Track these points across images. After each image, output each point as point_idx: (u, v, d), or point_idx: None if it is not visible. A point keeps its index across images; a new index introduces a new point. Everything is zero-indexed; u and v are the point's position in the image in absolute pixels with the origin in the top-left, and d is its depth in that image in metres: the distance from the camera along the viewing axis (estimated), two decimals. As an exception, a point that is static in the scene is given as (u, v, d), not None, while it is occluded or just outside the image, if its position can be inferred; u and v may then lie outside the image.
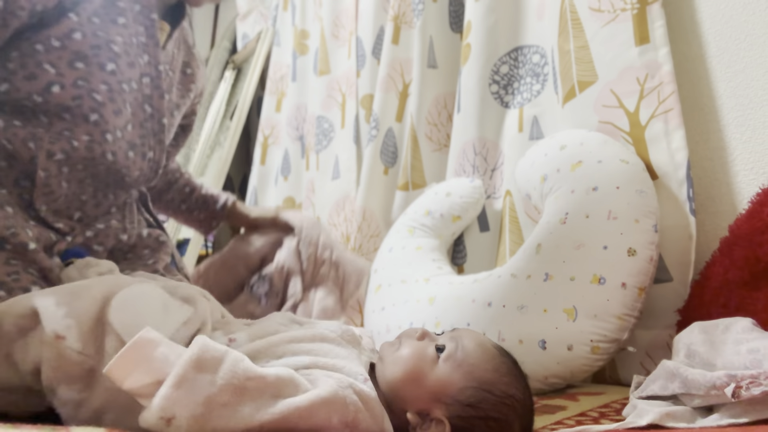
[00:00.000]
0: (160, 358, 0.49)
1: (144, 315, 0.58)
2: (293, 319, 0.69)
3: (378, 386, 0.62)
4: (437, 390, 0.62)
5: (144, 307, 0.59)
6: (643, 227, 1.02)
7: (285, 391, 0.52)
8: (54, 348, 0.55)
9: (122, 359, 0.48)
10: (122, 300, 0.59)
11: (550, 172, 1.17)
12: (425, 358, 0.64)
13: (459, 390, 0.62)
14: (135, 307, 0.59)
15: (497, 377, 0.64)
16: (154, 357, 0.49)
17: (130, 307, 0.58)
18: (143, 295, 0.60)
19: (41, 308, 0.56)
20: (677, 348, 0.84)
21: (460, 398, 0.61)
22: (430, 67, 1.66)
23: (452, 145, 1.54)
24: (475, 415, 0.61)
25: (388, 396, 0.62)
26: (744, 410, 0.65)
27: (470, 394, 0.61)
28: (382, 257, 1.45)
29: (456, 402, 0.61)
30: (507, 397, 0.62)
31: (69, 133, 0.86)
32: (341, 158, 1.91)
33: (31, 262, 0.79)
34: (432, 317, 1.20)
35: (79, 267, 0.84)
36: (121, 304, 0.58)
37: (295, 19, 2.25)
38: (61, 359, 0.55)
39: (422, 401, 0.62)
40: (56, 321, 0.56)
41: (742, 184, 1.07)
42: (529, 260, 1.10)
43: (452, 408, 0.61)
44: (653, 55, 1.12)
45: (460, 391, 0.62)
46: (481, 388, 0.62)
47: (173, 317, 0.61)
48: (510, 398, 0.62)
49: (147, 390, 0.49)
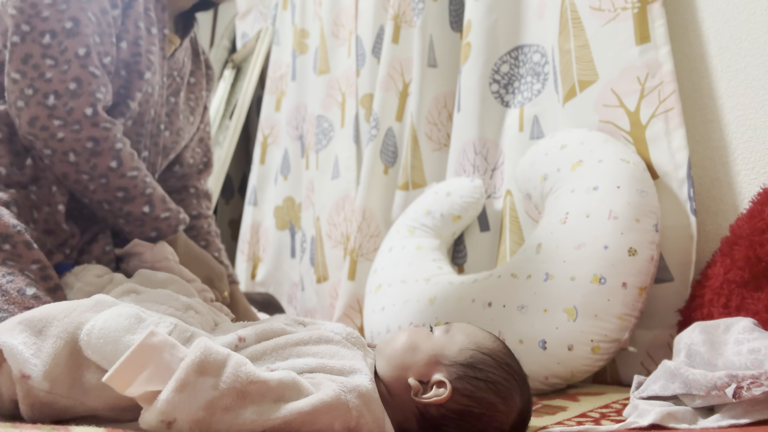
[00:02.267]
0: (163, 365, 0.49)
1: (120, 339, 0.56)
2: (297, 320, 0.69)
3: (379, 384, 0.62)
4: (435, 352, 0.62)
5: (116, 332, 0.57)
6: (644, 227, 1.02)
7: (287, 395, 0.52)
8: (22, 387, 0.55)
9: (124, 368, 0.48)
10: (92, 332, 0.57)
11: (551, 171, 1.17)
12: (420, 332, 0.66)
13: (458, 351, 0.62)
14: (107, 334, 0.56)
15: (495, 346, 0.64)
16: (156, 364, 0.48)
17: (102, 336, 0.56)
18: (111, 319, 0.58)
19: (6, 350, 0.55)
20: (678, 348, 0.83)
21: (459, 359, 0.61)
22: (430, 66, 1.66)
23: (452, 144, 1.54)
24: (475, 377, 0.60)
25: (390, 383, 0.62)
26: (745, 411, 0.65)
27: (470, 354, 0.61)
28: (382, 257, 1.44)
29: (455, 363, 0.61)
30: (506, 365, 0.62)
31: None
32: (341, 158, 1.90)
33: (35, 260, 0.79)
34: (432, 317, 1.20)
35: (76, 273, 0.84)
36: (92, 337, 0.56)
37: (295, 18, 2.25)
38: (31, 397, 0.55)
39: (421, 366, 0.61)
40: (22, 361, 0.54)
41: (743, 183, 1.07)
42: (530, 260, 1.10)
43: (452, 369, 0.61)
44: (654, 54, 1.12)
45: (460, 352, 0.62)
46: (481, 351, 0.62)
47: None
48: (509, 367, 0.62)
49: (150, 396, 0.48)
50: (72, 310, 0.60)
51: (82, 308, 0.60)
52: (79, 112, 0.86)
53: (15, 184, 0.87)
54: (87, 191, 0.91)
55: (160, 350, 0.49)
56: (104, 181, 0.90)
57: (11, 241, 0.78)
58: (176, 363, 0.49)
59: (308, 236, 2.01)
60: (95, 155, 0.88)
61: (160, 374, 0.48)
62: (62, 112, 0.86)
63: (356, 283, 1.66)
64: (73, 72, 0.86)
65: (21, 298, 0.74)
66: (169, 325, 0.60)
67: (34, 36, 0.85)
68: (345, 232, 1.81)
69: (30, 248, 0.79)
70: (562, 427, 0.71)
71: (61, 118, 0.86)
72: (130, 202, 0.93)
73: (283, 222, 2.17)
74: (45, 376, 0.54)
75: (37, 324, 0.57)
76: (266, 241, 2.22)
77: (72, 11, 0.86)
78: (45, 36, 0.85)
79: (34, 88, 0.85)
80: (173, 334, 0.60)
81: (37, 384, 0.54)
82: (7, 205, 0.82)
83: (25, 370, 0.54)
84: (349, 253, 1.70)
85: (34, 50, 0.85)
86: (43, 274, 0.80)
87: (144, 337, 0.49)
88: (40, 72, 0.85)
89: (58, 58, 0.86)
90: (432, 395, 0.60)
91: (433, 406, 0.60)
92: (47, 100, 0.85)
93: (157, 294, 0.74)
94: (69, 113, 0.86)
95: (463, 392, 0.59)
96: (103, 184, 0.91)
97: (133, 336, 0.57)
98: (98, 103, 0.89)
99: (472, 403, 0.59)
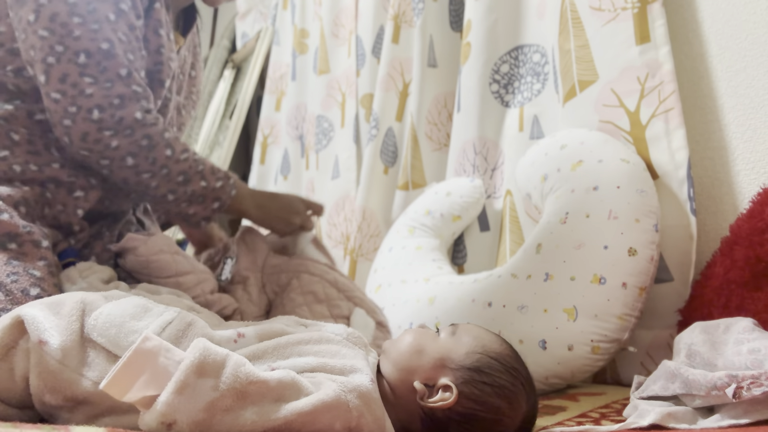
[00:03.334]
0: (159, 370, 0.48)
1: (124, 324, 0.60)
2: (298, 321, 0.69)
3: (383, 384, 0.62)
4: (441, 356, 0.62)
5: (121, 317, 0.61)
6: (644, 227, 1.02)
7: (287, 395, 0.52)
8: (37, 353, 0.57)
9: (120, 374, 0.48)
10: (99, 316, 0.60)
11: (551, 171, 1.17)
12: (426, 334, 0.65)
13: (464, 355, 0.61)
14: (113, 319, 0.60)
15: (502, 349, 0.64)
16: (152, 369, 0.48)
17: (109, 321, 0.60)
18: (119, 306, 0.62)
19: (28, 318, 0.58)
20: (678, 348, 0.83)
21: (465, 363, 0.61)
22: (430, 66, 1.66)
23: (452, 144, 1.53)
24: (482, 381, 0.60)
25: (395, 384, 0.62)
26: (745, 411, 0.65)
27: (476, 358, 0.61)
28: (382, 257, 1.44)
29: (462, 367, 0.60)
30: (513, 369, 0.62)
31: None
32: (341, 158, 1.90)
33: (42, 257, 0.80)
34: (432, 317, 1.20)
35: (81, 269, 0.84)
36: (99, 321, 0.59)
37: (295, 17, 2.25)
38: (42, 365, 0.57)
39: (427, 369, 0.61)
40: (42, 329, 0.58)
41: (743, 183, 1.07)
42: (530, 260, 1.10)
43: (458, 373, 0.60)
44: (654, 54, 1.12)
45: (466, 356, 0.61)
46: (487, 354, 0.62)
47: (156, 320, 0.61)
48: (516, 371, 0.62)
49: (149, 400, 0.48)
50: (86, 296, 0.63)
51: (95, 296, 0.64)
52: (130, 119, 0.89)
53: (29, 181, 0.88)
54: (150, 189, 0.95)
55: (155, 355, 0.49)
56: (165, 172, 0.94)
57: (18, 240, 0.79)
58: (173, 366, 0.49)
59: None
60: (152, 149, 0.92)
61: (158, 379, 0.48)
62: (111, 123, 0.88)
63: (356, 283, 1.65)
64: (117, 90, 0.88)
65: (25, 298, 0.75)
66: (174, 313, 0.63)
67: (69, 56, 0.86)
68: (345, 232, 1.81)
69: (38, 247, 0.80)
70: (562, 427, 0.71)
71: (111, 128, 0.88)
72: (190, 183, 0.97)
73: (283, 222, 2.17)
74: (60, 346, 0.57)
75: (54, 306, 0.61)
76: (266, 241, 2.22)
77: (105, 32, 0.87)
78: (80, 56, 0.86)
79: (77, 106, 0.87)
80: (175, 321, 0.62)
81: (51, 351, 0.56)
82: (16, 205, 0.83)
83: (43, 336, 0.57)
84: (349, 253, 1.70)
85: (70, 70, 0.86)
86: (50, 270, 0.81)
87: (138, 342, 0.49)
88: (80, 89, 0.86)
89: (98, 77, 0.87)
90: (438, 399, 0.59)
91: (438, 410, 0.60)
92: (91, 114, 0.87)
93: (160, 299, 0.75)
94: (119, 122, 0.89)
95: (470, 396, 0.59)
96: (164, 175, 0.94)
97: (138, 322, 0.60)
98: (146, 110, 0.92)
99: (478, 407, 0.59)
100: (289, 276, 1.11)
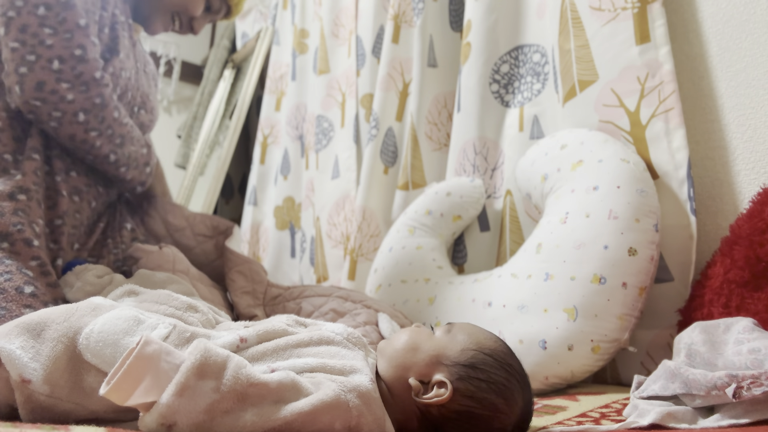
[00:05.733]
0: (160, 374, 0.48)
1: (118, 342, 0.56)
2: (298, 321, 0.69)
3: (380, 384, 0.62)
4: (436, 352, 0.62)
5: (114, 335, 0.57)
6: (644, 227, 1.02)
7: (287, 396, 0.52)
8: (22, 392, 0.54)
9: (121, 381, 0.47)
10: (90, 335, 0.56)
11: (551, 171, 1.17)
12: (422, 332, 0.66)
13: (459, 351, 0.62)
14: (106, 338, 0.56)
15: (497, 346, 0.64)
16: (154, 374, 0.48)
17: (101, 340, 0.56)
18: (109, 322, 0.58)
19: (3, 355, 0.54)
20: (678, 348, 0.83)
21: (460, 360, 0.61)
22: (430, 66, 1.66)
23: (452, 144, 1.53)
24: (477, 377, 0.60)
25: (391, 382, 0.62)
26: (745, 410, 0.65)
27: (471, 355, 0.61)
28: (382, 257, 1.44)
29: (456, 364, 0.61)
30: (508, 366, 0.62)
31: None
32: (341, 158, 1.90)
33: (34, 257, 0.80)
34: (432, 317, 1.20)
35: (77, 272, 0.84)
36: (91, 341, 0.56)
37: (295, 17, 2.25)
38: (32, 403, 0.54)
39: (422, 366, 0.61)
40: (21, 366, 0.54)
41: (743, 183, 1.07)
42: (530, 260, 1.10)
43: (453, 370, 0.60)
44: (654, 54, 1.12)
45: (461, 353, 0.61)
46: (482, 351, 0.62)
47: (151, 333, 0.59)
48: (510, 367, 0.62)
49: (150, 404, 0.48)
50: (71, 314, 0.59)
51: (80, 312, 0.59)
52: (88, 76, 0.91)
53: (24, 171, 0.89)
54: (93, 149, 0.97)
55: (156, 359, 0.48)
56: (110, 132, 0.97)
57: (10, 239, 0.79)
58: (174, 370, 0.48)
59: (308, 236, 2.01)
60: (103, 108, 0.94)
61: (159, 384, 0.48)
62: (70, 76, 0.89)
63: (356, 283, 1.66)
64: (77, 40, 0.90)
65: (19, 296, 0.74)
66: (168, 326, 0.60)
67: (29, 8, 0.88)
68: (345, 232, 1.81)
69: (29, 245, 0.80)
70: (562, 427, 0.71)
71: (69, 81, 0.89)
72: (127, 145, 1.01)
73: (283, 222, 2.17)
74: (45, 380, 0.54)
75: (35, 327, 0.57)
76: (266, 241, 2.22)
77: None
78: (39, 8, 0.88)
79: (37, 54, 0.88)
80: (172, 335, 0.59)
81: (37, 388, 0.53)
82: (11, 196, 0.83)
83: (24, 374, 0.53)
84: (349, 253, 1.70)
85: (30, 21, 0.88)
86: (43, 270, 0.80)
87: (139, 347, 0.48)
88: (40, 39, 0.88)
89: (57, 28, 0.89)
90: (433, 395, 0.60)
91: (434, 407, 0.60)
92: (51, 64, 0.88)
93: (157, 294, 0.74)
94: (78, 77, 0.90)
95: (465, 393, 0.59)
96: (109, 135, 0.97)
97: (131, 338, 0.57)
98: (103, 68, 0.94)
99: (473, 403, 0.59)
100: (298, 303, 1.10)
